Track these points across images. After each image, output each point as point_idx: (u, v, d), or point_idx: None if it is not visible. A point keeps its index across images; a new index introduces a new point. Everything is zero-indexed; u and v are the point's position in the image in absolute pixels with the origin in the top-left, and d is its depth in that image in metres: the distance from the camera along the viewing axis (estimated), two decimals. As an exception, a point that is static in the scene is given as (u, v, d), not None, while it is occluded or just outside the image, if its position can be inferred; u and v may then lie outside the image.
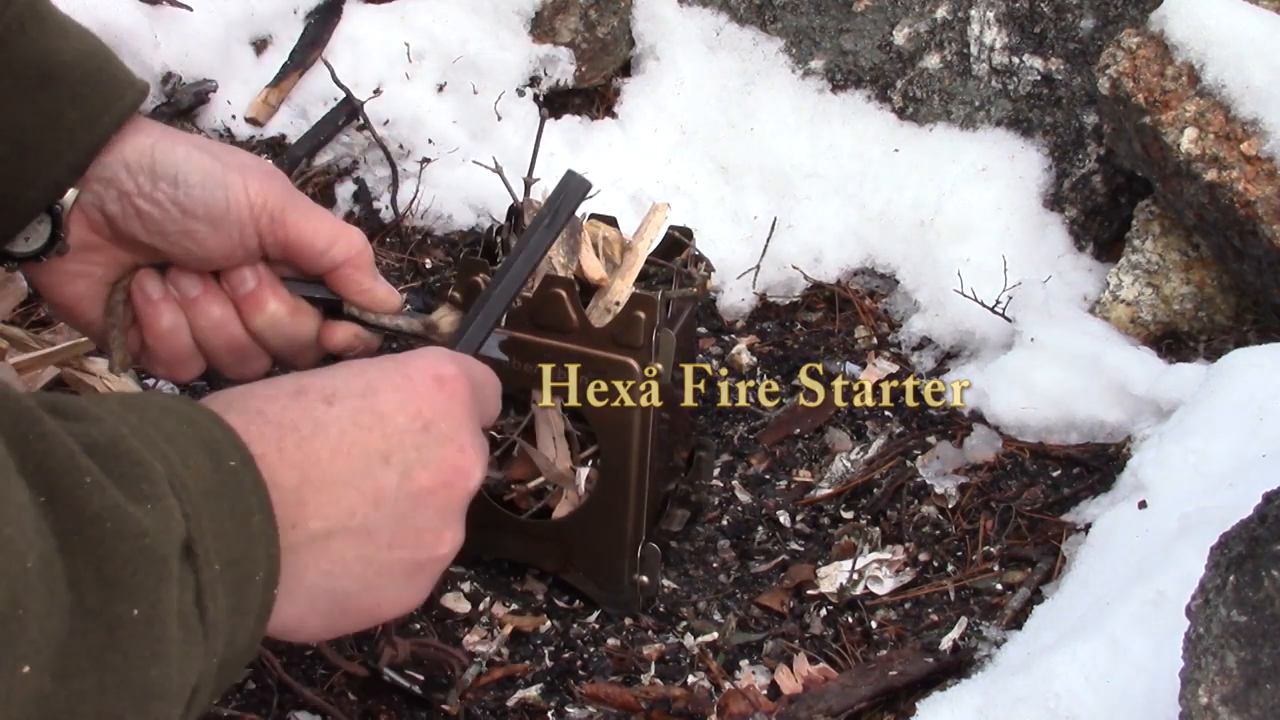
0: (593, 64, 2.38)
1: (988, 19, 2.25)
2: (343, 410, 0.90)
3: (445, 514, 0.95)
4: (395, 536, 0.91)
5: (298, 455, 0.86)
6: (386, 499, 0.90)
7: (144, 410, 0.79)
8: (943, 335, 2.03)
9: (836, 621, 1.55)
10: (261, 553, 0.80)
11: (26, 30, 1.05)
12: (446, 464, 0.94)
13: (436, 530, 0.94)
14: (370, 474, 0.90)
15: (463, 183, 2.18)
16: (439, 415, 0.94)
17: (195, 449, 0.79)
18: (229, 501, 0.79)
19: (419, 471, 0.92)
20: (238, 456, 0.81)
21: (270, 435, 0.85)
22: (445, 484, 0.94)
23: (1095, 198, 2.15)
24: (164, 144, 1.09)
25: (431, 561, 0.95)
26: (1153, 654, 1.20)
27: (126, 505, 0.69)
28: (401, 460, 0.91)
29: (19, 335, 1.53)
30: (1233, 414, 1.50)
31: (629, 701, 1.41)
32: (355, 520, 0.89)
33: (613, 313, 1.46)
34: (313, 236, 1.11)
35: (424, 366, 0.96)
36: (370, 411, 0.91)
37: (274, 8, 2.23)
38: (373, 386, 0.93)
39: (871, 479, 1.77)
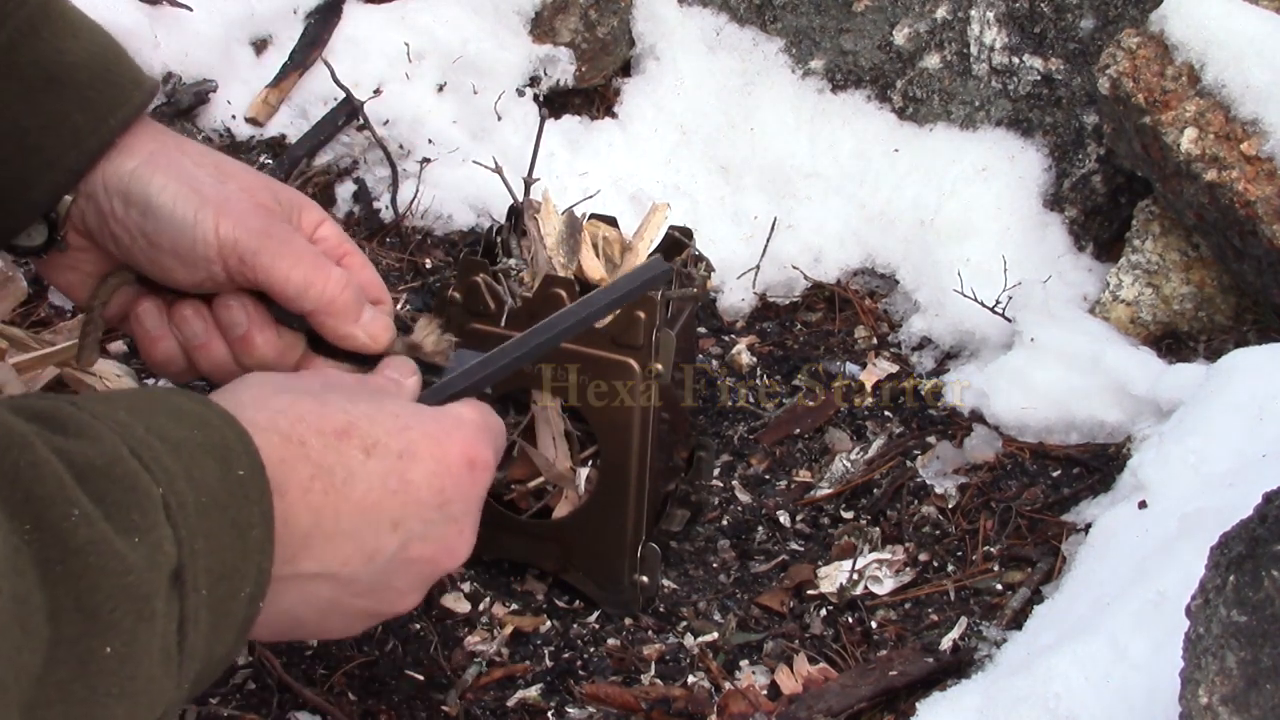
0: (593, 64, 2.38)
1: (988, 19, 2.25)
2: (377, 467, 0.93)
3: (419, 582, 0.99)
4: (369, 590, 0.95)
5: (320, 500, 0.89)
6: (379, 560, 0.94)
7: (152, 415, 0.79)
8: (943, 335, 2.03)
9: (836, 621, 1.55)
10: (254, 567, 0.82)
11: (38, 32, 1.04)
12: (444, 544, 0.98)
13: (404, 593, 0.98)
14: (376, 534, 0.93)
15: (463, 183, 2.18)
16: (458, 497, 0.98)
17: (203, 456, 0.79)
18: (231, 513, 0.80)
19: (417, 544, 0.96)
20: (247, 464, 0.82)
21: (304, 473, 0.88)
22: (433, 559, 0.98)
23: (1095, 198, 2.15)
24: (145, 170, 1.07)
25: (389, 614, 0.99)
26: (1153, 654, 1.20)
27: (114, 539, 0.70)
28: (407, 531, 0.95)
29: (19, 335, 1.53)
30: (1233, 414, 1.50)
31: (629, 701, 1.41)
32: (344, 570, 0.92)
33: (613, 312, 1.46)
34: (283, 283, 1.08)
35: (462, 446, 0.99)
36: (400, 477, 0.94)
37: (274, 8, 2.23)
38: (411, 450, 0.95)
39: (871, 479, 1.77)
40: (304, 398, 0.92)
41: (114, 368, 1.54)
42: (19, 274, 1.64)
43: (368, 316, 1.14)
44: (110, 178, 1.07)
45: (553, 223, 1.49)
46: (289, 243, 1.10)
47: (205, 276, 1.09)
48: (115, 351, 1.68)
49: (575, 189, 2.00)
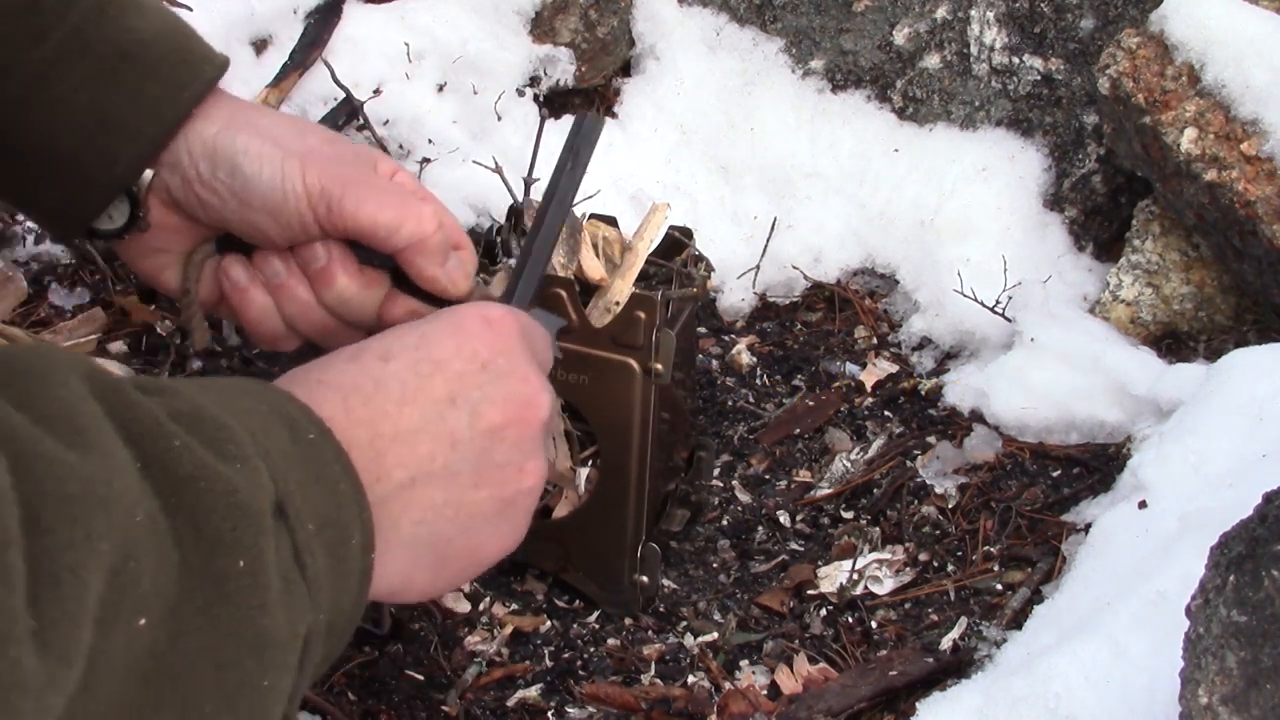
0: (593, 64, 2.38)
1: (988, 19, 2.25)
2: (400, 364, 0.92)
3: (523, 446, 0.96)
4: (478, 476, 0.93)
5: (365, 412, 0.88)
6: (461, 440, 0.92)
7: (220, 389, 0.80)
8: (943, 335, 2.03)
9: (836, 621, 1.55)
10: (354, 517, 0.81)
11: (105, 11, 1.06)
12: (513, 397, 0.96)
13: (518, 464, 0.96)
14: (440, 418, 0.91)
15: (463, 183, 2.18)
16: (495, 353, 0.96)
17: (274, 423, 0.80)
18: (314, 469, 0.80)
19: (487, 408, 0.94)
20: (315, 430, 0.82)
21: (334, 399, 0.87)
22: (517, 418, 0.96)
23: (1095, 198, 2.15)
24: (226, 132, 1.10)
25: (520, 495, 0.97)
26: (1153, 654, 1.20)
27: (217, 465, 0.71)
28: (467, 400, 0.93)
29: (19, 335, 1.53)
30: (1233, 414, 1.50)
31: (629, 701, 1.41)
32: (436, 464, 0.90)
33: (613, 313, 1.46)
34: (373, 225, 1.11)
35: (472, 312, 0.98)
36: (427, 360, 0.93)
37: (274, 8, 2.23)
38: (426, 338, 0.95)
39: (871, 479, 1.77)
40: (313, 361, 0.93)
41: (114, 367, 1.54)
42: (19, 274, 1.64)
43: (453, 262, 1.15)
44: (194, 144, 1.09)
45: (553, 223, 1.48)
46: (375, 185, 1.12)
47: (299, 229, 1.10)
48: (115, 351, 1.68)
49: (575, 189, 2.00)
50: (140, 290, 1.75)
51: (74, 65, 1.05)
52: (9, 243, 1.73)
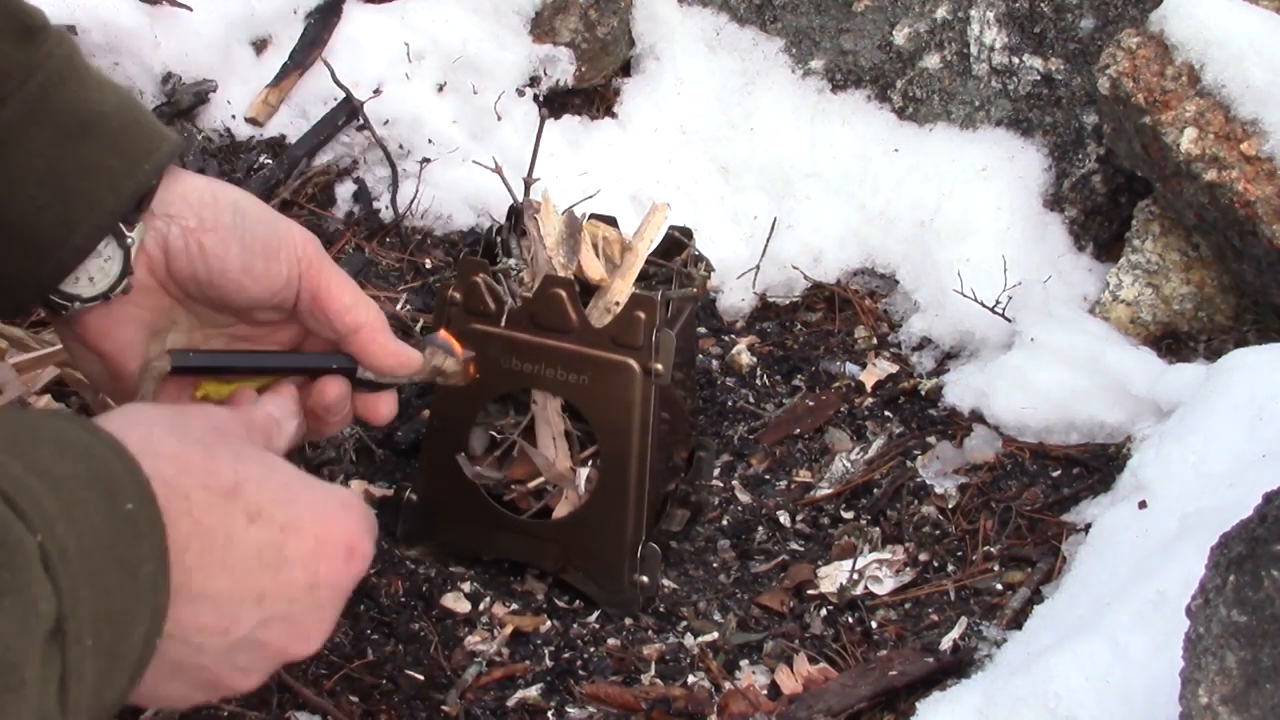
0: (593, 64, 2.38)
1: (988, 19, 2.25)
2: (257, 536, 0.90)
3: (265, 665, 0.96)
4: (215, 662, 0.92)
5: (195, 561, 0.86)
6: (235, 633, 0.91)
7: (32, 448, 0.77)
8: (943, 335, 2.03)
9: (836, 621, 1.55)
10: (148, 605, 0.80)
11: (66, 83, 1.06)
12: (301, 629, 0.95)
13: (248, 673, 0.95)
14: (239, 607, 0.90)
15: (463, 183, 2.18)
16: (329, 584, 0.95)
17: (87, 492, 0.77)
18: (119, 551, 0.77)
19: (276, 625, 0.93)
20: (136, 497, 0.79)
21: (185, 529, 0.84)
22: (285, 645, 0.95)
23: (1095, 198, 2.15)
24: (216, 183, 1.12)
25: (225, 690, 0.96)
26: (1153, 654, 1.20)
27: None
28: (271, 608, 0.92)
29: (19, 335, 1.53)
30: (1233, 414, 1.50)
31: (629, 701, 1.41)
32: (198, 638, 0.89)
33: (613, 313, 1.46)
34: (339, 291, 1.13)
35: (346, 532, 0.97)
36: (277, 550, 0.92)
37: (274, 8, 2.23)
38: (295, 524, 0.93)
39: (871, 479, 1.77)
40: (193, 447, 0.90)
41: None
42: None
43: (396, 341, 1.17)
44: (191, 193, 1.10)
45: (553, 223, 1.49)
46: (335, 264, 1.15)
47: (283, 282, 1.12)
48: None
49: (575, 189, 2.00)
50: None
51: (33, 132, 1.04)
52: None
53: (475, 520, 1.54)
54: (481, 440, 1.54)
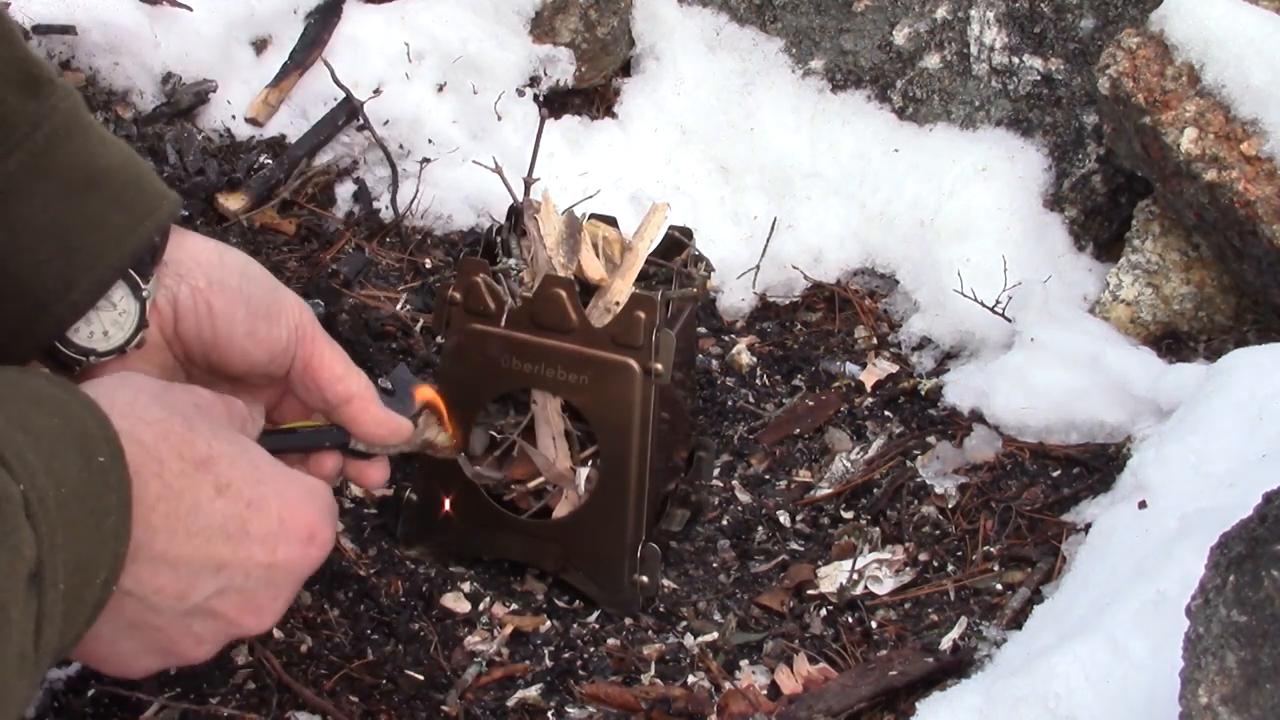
0: (593, 64, 2.38)
1: (988, 19, 2.25)
2: (223, 508, 0.94)
3: (218, 636, 0.99)
4: (170, 625, 0.95)
5: (161, 523, 0.89)
6: (190, 599, 0.94)
7: (13, 404, 0.80)
8: (943, 335, 2.03)
9: (836, 621, 1.55)
10: (110, 553, 0.84)
11: (71, 136, 1.06)
12: (254, 605, 0.99)
13: (200, 641, 0.98)
14: (196, 574, 0.93)
15: (463, 183, 2.18)
16: (286, 565, 0.99)
17: (64, 446, 0.81)
18: (90, 502, 0.81)
19: (231, 596, 0.97)
20: (107, 451, 0.83)
21: (154, 491, 0.88)
22: (237, 618, 0.98)
23: (1095, 198, 2.15)
24: (221, 245, 1.14)
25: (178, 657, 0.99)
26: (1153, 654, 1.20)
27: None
28: (227, 579, 0.96)
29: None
30: (1233, 414, 1.50)
31: (629, 701, 1.41)
32: (154, 598, 0.92)
33: (613, 313, 1.46)
34: (332, 361, 1.15)
35: (309, 517, 1.00)
36: (240, 524, 0.95)
37: (274, 8, 2.23)
38: (260, 502, 0.97)
39: (871, 479, 1.77)
40: (174, 417, 0.93)
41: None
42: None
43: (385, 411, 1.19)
44: (201, 253, 1.12)
45: (553, 223, 1.49)
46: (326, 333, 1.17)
47: (283, 346, 1.13)
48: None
49: (575, 189, 2.00)
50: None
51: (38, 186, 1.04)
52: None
53: (475, 520, 1.54)
54: (481, 440, 1.54)
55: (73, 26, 1.98)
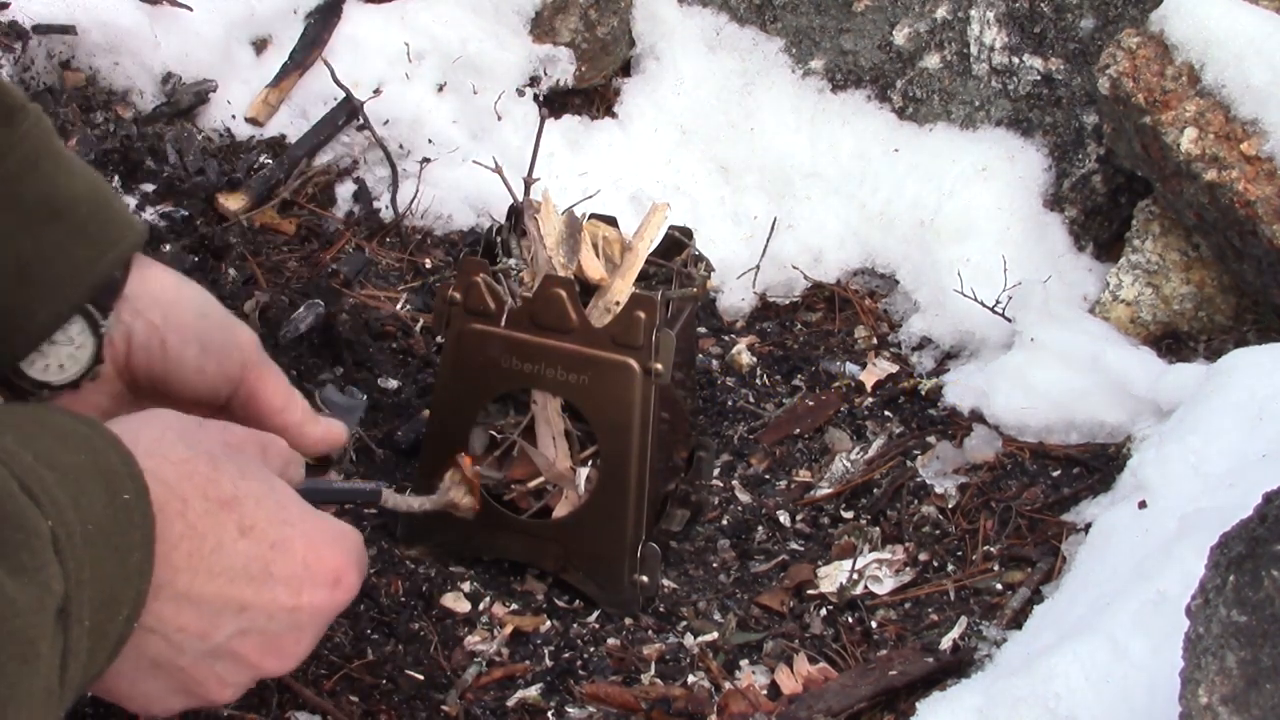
0: (593, 64, 2.38)
1: (988, 19, 2.25)
2: (246, 549, 0.94)
3: (242, 678, 0.99)
4: (193, 665, 0.95)
5: (184, 562, 0.90)
6: (213, 639, 0.94)
7: (40, 440, 0.80)
8: (943, 335, 2.03)
9: (836, 621, 1.55)
10: (133, 590, 0.84)
11: (39, 166, 1.06)
12: (277, 648, 0.99)
13: (224, 684, 0.98)
14: (219, 614, 0.93)
15: (463, 183, 2.18)
16: (310, 608, 0.99)
17: (90, 481, 0.81)
18: (115, 538, 0.81)
19: (253, 638, 0.97)
20: (132, 488, 0.84)
21: (178, 530, 0.89)
22: (259, 661, 0.98)
23: (1095, 198, 2.15)
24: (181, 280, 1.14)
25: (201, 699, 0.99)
26: (1153, 654, 1.20)
27: (4, 581, 0.72)
28: (250, 621, 0.95)
29: None
30: (1233, 414, 1.50)
31: (629, 701, 1.41)
32: (177, 637, 0.92)
33: (613, 313, 1.46)
34: (273, 393, 1.16)
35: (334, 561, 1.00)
36: (264, 566, 0.95)
37: (274, 8, 2.23)
38: (285, 544, 0.96)
39: (871, 479, 1.77)
40: (200, 456, 0.93)
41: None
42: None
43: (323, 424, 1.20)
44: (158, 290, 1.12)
45: (553, 223, 1.49)
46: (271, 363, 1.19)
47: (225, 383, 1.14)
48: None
49: (575, 189, 2.00)
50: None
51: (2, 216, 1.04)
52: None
53: (475, 520, 1.54)
54: (481, 440, 1.54)
55: (73, 26, 1.98)
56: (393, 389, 1.80)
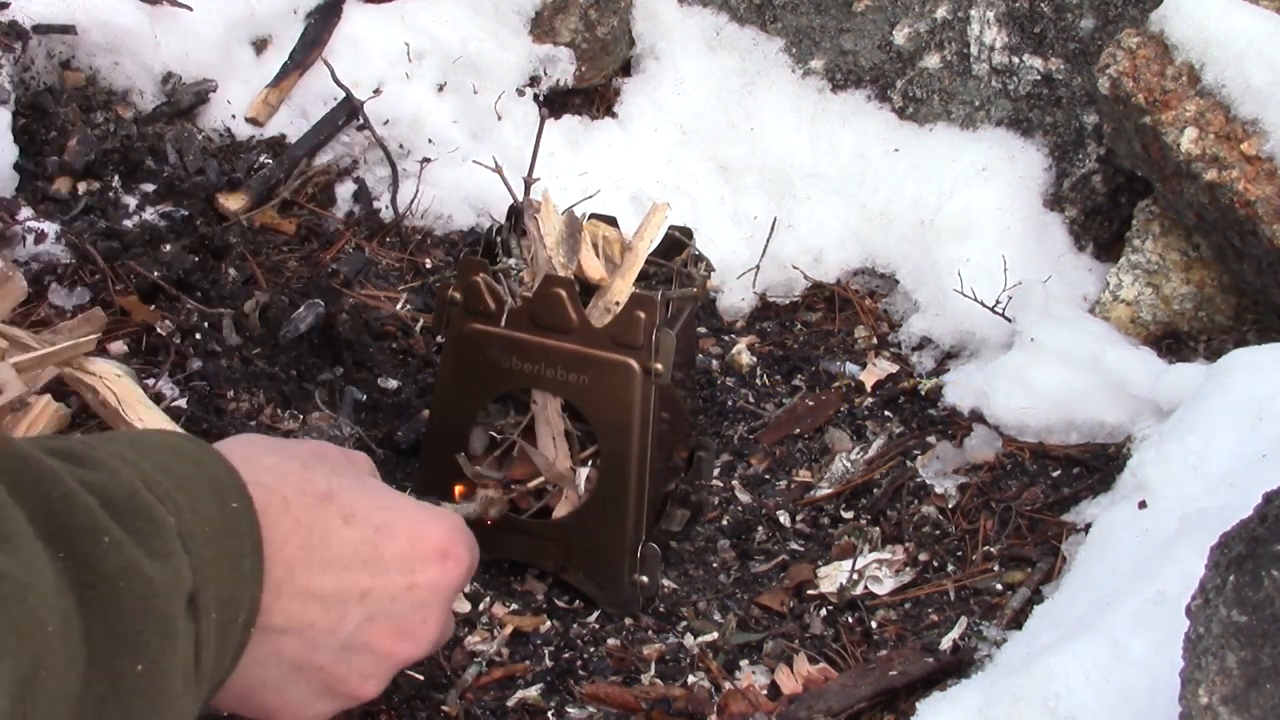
0: (593, 64, 2.38)
1: (988, 19, 2.25)
2: (353, 535, 0.97)
3: (381, 670, 1.02)
4: (331, 662, 0.97)
5: (295, 555, 0.92)
6: (344, 630, 0.97)
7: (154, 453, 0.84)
8: (943, 335, 2.03)
9: (836, 621, 1.55)
10: (248, 594, 0.87)
11: None
12: (407, 629, 1.01)
13: (366, 678, 1.01)
14: (343, 602, 0.96)
15: (463, 183, 2.18)
16: (427, 584, 1.02)
17: (202, 491, 0.84)
18: (228, 544, 0.84)
19: (381, 623, 0.99)
20: (238, 498, 0.87)
21: (285, 526, 0.92)
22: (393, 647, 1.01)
23: (1095, 198, 2.15)
24: None
25: (347, 697, 1.01)
26: (1153, 654, 1.20)
27: (143, 562, 0.74)
28: (374, 605, 0.98)
29: (19, 335, 1.53)
30: (1233, 414, 1.50)
31: (629, 701, 1.41)
32: (309, 633, 0.95)
33: (613, 313, 1.46)
34: None
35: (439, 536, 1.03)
36: (374, 549, 0.98)
37: (274, 8, 2.23)
38: (388, 527, 0.99)
39: (871, 479, 1.77)
40: (290, 461, 0.97)
41: (114, 367, 1.54)
42: (19, 274, 1.64)
43: None
44: None
45: (553, 223, 1.48)
46: None
47: None
48: (115, 352, 1.68)
49: (575, 189, 2.00)
50: (140, 290, 1.75)
51: None
52: (9, 242, 1.73)
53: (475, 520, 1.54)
54: (481, 440, 1.54)
55: (73, 26, 1.98)
56: (393, 389, 1.80)
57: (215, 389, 1.65)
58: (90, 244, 1.76)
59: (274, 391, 1.68)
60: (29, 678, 0.65)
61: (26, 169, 1.87)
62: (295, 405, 1.69)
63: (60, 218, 1.81)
